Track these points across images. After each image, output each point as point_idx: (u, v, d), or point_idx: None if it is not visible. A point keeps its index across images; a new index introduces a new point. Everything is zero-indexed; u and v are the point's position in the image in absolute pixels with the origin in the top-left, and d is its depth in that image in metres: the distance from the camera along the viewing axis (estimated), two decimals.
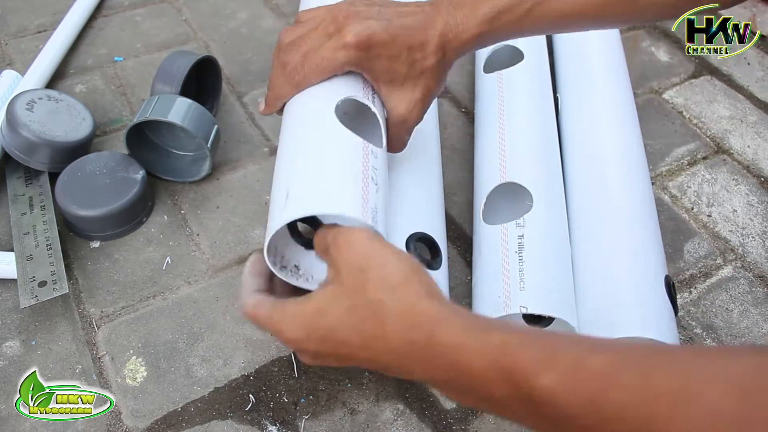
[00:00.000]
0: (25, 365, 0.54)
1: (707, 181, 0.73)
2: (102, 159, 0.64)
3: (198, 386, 0.54)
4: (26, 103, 0.64)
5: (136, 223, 0.64)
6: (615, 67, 0.72)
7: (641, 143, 0.66)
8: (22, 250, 0.59)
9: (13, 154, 0.63)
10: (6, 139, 0.63)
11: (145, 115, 0.62)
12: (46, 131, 0.63)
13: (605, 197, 0.60)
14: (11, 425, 0.51)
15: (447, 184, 0.67)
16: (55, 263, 0.57)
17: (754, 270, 0.65)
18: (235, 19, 0.89)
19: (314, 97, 0.48)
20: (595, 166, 0.63)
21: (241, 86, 0.80)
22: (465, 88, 0.81)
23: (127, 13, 0.89)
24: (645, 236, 0.57)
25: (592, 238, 0.57)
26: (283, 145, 0.47)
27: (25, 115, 0.63)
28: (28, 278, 0.56)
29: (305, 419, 0.52)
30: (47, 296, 0.55)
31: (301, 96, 0.49)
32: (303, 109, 0.48)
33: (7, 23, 0.86)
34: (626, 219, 0.57)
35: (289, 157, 0.45)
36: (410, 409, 0.53)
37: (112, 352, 0.55)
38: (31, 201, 0.63)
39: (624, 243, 0.56)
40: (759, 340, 0.59)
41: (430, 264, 0.52)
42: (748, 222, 0.69)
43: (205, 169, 0.67)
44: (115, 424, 0.51)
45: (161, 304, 0.59)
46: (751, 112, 0.81)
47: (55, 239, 0.59)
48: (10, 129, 0.62)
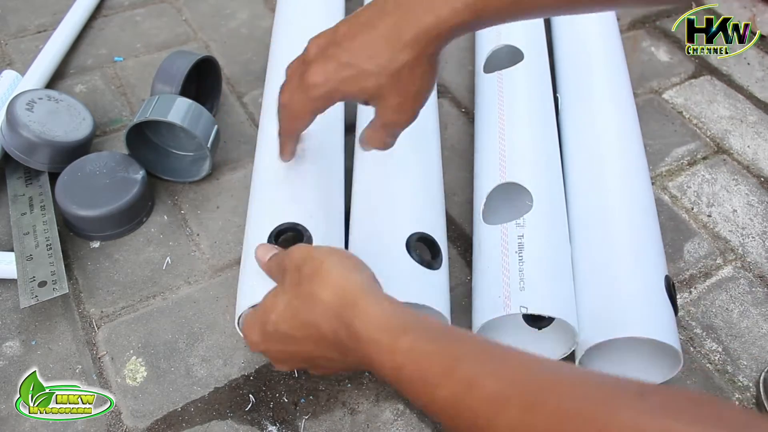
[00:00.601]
0: (25, 365, 0.54)
1: (707, 181, 0.73)
2: (102, 159, 0.64)
3: (198, 386, 0.54)
4: (26, 103, 0.64)
5: (136, 223, 0.64)
6: (615, 67, 0.72)
7: (641, 143, 0.66)
8: (22, 250, 0.59)
9: (13, 154, 0.63)
10: (6, 139, 0.63)
11: (145, 115, 0.62)
12: (46, 131, 0.63)
13: (605, 197, 0.60)
14: (11, 425, 0.51)
15: (447, 184, 0.67)
16: (55, 263, 0.57)
17: (754, 270, 0.65)
18: (235, 19, 0.89)
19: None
20: (594, 166, 0.63)
21: (241, 86, 0.80)
22: (465, 88, 0.81)
23: (127, 13, 0.89)
24: (645, 236, 0.57)
25: (592, 238, 0.57)
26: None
27: (25, 115, 0.63)
28: (28, 278, 0.56)
29: (305, 419, 0.52)
30: (47, 296, 0.55)
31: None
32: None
33: (7, 23, 0.86)
34: (626, 219, 0.57)
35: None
36: (410, 409, 0.53)
37: (112, 352, 0.55)
38: (31, 201, 0.63)
39: (624, 243, 0.56)
40: (759, 340, 0.59)
41: (430, 264, 0.53)
42: (748, 222, 0.69)
43: (205, 169, 0.67)
44: (115, 424, 0.51)
45: (161, 304, 0.59)
46: (751, 112, 0.81)
47: (55, 239, 0.59)
48: (10, 129, 0.62)
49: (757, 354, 0.58)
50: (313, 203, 0.56)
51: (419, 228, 0.54)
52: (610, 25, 0.77)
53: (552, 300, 0.51)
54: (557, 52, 0.78)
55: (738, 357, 0.58)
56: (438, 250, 0.54)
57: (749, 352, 0.58)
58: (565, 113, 0.70)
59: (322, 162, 0.60)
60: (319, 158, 0.60)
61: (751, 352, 0.58)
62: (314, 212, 0.55)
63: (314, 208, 0.55)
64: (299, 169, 0.58)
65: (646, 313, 0.52)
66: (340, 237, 0.57)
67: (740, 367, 0.57)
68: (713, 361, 0.58)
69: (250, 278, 0.52)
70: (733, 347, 0.59)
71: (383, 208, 0.56)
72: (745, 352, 0.58)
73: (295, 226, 0.53)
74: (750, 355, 0.58)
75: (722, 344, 0.59)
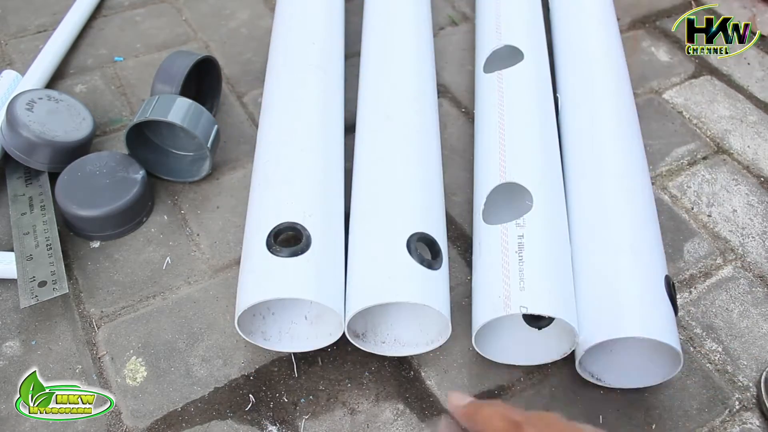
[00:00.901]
0: (25, 365, 0.54)
1: (707, 181, 0.73)
2: (102, 159, 0.64)
3: (198, 386, 0.54)
4: (26, 103, 0.64)
5: (137, 224, 0.64)
6: (615, 67, 0.72)
7: (641, 143, 0.66)
8: (22, 250, 0.59)
9: (13, 153, 0.63)
10: (6, 139, 0.63)
11: (145, 115, 0.62)
12: (46, 131, 0.63)
13: (605, 197, 0.60)
14: (11, 425, 0.51)
15: (447, 184, 0.67)
16: (55, 263, 0.57)
17: (754, 270, 0.65)
18: (235, 19, 0.89)
19: None
20: (594, 166, 0.62)
21: (241, 86, 0.80)
22: (465, 89, 0.81)
23: (127, 13, 0.89)
24: (645, 236, 0.57)
25: (592, 237, 0.57)
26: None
27: (25, 115, 0.63)
28: (28, 278, 0.56)
29: (305, 419, 0.52)
30: (47, 296, 0.55)
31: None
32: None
33: (7, 23, 0.86)
34: (626, 218, 0.57)
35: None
36: (410, 409, 0.53)
37: (112, 352, 0.55)
38: (31, 201, 0.63)
39: (624, 243, 0.56)
40: (759, 340, 0.59)
41: (430, 264, 0.53)
42: (748, 222, 0.69)
43: (205, 169, 0.67)
44: (115, 424, 0.51)
45: (161, 304, 0.59)
46: (751, 112, 0.81)
47: (55, 239, 0.59)
48: (10, 129, 0.62)
49: (757, 354, 0.58)
50: (313, 203, 0.56)
51: (419, 228, 0.54)
52: (610, 25, 0.77)
53: (552, 300, 0.51)
54: (557, 53, 0.78)
55: (738, 357, 0.58)
56: (438, 250, 0.54)
57: (749, 352, 0.58)
58: (565, 113, 0.70)
59: (321, 162, 0.60)
60: (319, 158, 0.60)
61: (751, 352, 0.58)
62: (313, 212, 0.55)
63: (313, 208, 0.55)
64: (298, 169, 0.58)
65: (646, 313, 0.51)
66: (340, 237, 0.57)
67: (740, 367, 0.57)
68: (713, 361, 0.58)
69: (249, 278, 0.52)
70: (733, 347, 0.59)
71: (383, 208, 0.56)
72: (745, 352, 0.58)
73: (294, 225, 0.54)
74: (750, 355, 0.58)
75: (722, 344, 0.59)
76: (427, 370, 0.56)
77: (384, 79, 0.68)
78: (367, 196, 0.58)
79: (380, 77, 0.68)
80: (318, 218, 0.55)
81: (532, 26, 0.75)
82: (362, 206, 0.58)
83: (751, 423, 0.54)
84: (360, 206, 0.58)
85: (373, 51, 0.72)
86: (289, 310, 0.56)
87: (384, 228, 0.55)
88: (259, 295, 0.50)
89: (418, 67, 0.70)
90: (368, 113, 0.66)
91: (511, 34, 0.73)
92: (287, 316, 0.56)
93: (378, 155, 0.61)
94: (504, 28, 0.74)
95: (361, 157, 0.62)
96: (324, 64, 0.69)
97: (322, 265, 0.52)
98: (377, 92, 0.67)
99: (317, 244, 0.53)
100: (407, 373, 0.56)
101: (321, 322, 0.55)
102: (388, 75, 0.68)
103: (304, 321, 0.56)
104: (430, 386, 0.55)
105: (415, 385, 0.55)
